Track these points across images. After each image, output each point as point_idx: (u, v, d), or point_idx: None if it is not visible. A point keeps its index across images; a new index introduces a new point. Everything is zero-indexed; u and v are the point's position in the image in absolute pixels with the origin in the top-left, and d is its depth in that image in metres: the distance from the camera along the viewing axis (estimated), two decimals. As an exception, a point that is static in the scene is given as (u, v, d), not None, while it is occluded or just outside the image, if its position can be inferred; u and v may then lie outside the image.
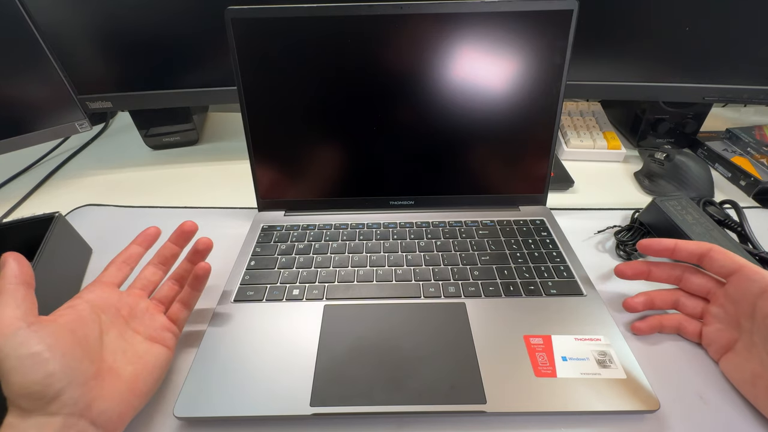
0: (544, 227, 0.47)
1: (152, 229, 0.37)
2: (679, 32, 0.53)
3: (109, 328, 0.30)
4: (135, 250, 0.36)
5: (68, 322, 0.28)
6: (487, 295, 0.39)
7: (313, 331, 0.36)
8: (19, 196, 0.59)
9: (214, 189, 0.59)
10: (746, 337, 0.31)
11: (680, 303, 0.36)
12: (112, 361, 0.29)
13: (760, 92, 0.55)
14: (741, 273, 0.32)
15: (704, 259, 0.34)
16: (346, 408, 0.30)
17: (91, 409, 0.26)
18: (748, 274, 0.31)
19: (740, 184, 0.57)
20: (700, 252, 0.34)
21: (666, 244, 0.36)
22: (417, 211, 0.50)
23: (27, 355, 0.24)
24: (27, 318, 0.25)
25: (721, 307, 0.34)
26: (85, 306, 0.30)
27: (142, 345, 0.31)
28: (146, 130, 0.67)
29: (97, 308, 0.30)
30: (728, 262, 0.32)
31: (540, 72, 0.43)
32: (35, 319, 0.26)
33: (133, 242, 0.36)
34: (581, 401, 0.30)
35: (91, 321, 0.29)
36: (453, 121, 0.46)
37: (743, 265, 0.32)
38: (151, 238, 0.37)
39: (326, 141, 0.47)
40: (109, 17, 0.52)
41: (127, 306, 0.33)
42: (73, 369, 0.26)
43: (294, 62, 0.43)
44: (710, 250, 0.33)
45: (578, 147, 0.63)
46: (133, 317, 0.32)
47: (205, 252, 0.37)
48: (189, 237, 0.38)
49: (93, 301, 0.31)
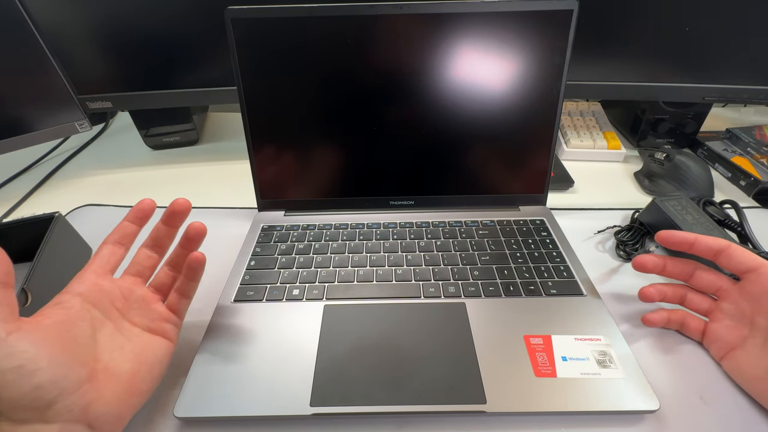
0: (544, 227, 0.47)
1: (146, 202, 0.33)
2: (679, 32, 0.53)
3: (102, 323, 0.28)
4: (129, 229, 0.32)
5: (54, 324, 0.25)
6: (487, 295, 0.39)
7: (313, 331, 0.36)
8: (19, 196, 0.59)
9: (214, 189, 0.59)
10: (760, 335, 0.31)
11: (688, 298, 0.36)
12: (108, 360, 0.27)
13: (760, 92, 0.55)
14: (761, 270, 0.32)
15: (721, 255, 0.34)
16: (346, 408, 0.30)
17: (87, 414, 0.25)
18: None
19: (740, 184, 0.57)
20: (718, 247, 0.34)
21: (686, 237, 0.35)
22: (417, 211, 0.50)
23: (9, 370, 0.22)
24: (5, 326, 0.23)
25: (733, 303, 0.34)
26: (75, 302, 0.27)
27: (140, 338, 0.29)
28: (146, 130, 0.67)
29: (88, 303, 0.28)
30: (747, 259, 0.33)
31: (540, 72, 0.43)
32: (15, 326, 0.23)
33: (125, 219, 0.32)
34: (581, 401, 0.30)
35: (81, 319, 0.27)
36: (453, 120, 0.46)
37: (763, 263, 0.32)
38: (144, 214, 0.33)
39: (326, 141, 0.47)
40: (109, 17, 0.52)
41: (122, 296, 0.30)
42: (62, 377, 0.24)
43: (294, 62, 0.43)
44: (729, 247, 0.33)
45: (578, 147, 0.63)
46: (129, 308, 0.30)
47: (197, 238, 0.33)
48: (182, 217, 0.33)
49: (84, 295, 0.28)
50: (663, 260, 0.37)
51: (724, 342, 0.33)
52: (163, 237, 0.33)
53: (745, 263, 0.33)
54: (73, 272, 0.28)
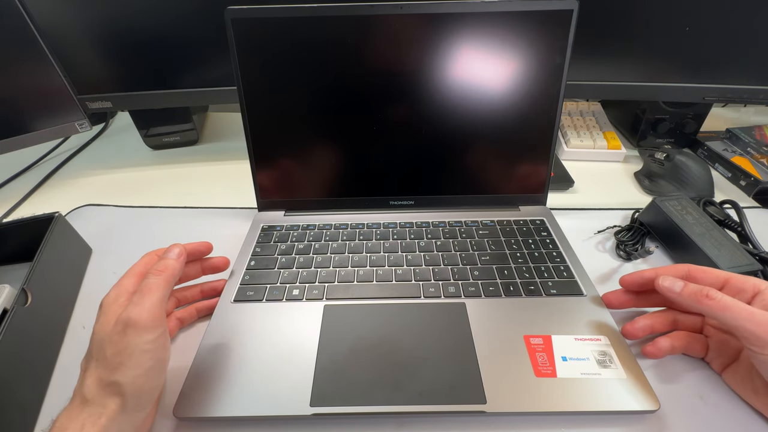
0: (544, 227, 0.47)
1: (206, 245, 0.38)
2: (679, 32, 0.53)
3: None
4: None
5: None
6: (487, 295, 0.39)
7: (313, 331, 0.36)
8: (19, 196, 0.59)
9: (214, 189, 0.59)
10: None
11: (678, 321, 0.35)
12: None
13: (760, 92, 0.55)
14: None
15: (689, 278, 0.33)
16: (346, 408, 0.30)
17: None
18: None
19: (740, 184, 0.57)
20: (681, 274, 0.33)
21: (647, 275, 0.34)
22: (417, 211, 0.50)
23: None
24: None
25: None
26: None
27: None
28: (146, 130, 0.67)
29: None
30: (712, 279, 0.32)
31: (540, 72, 0.43)
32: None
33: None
34: (581, 401, 0.30)
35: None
36: (453, 120, 0.46)
37: (730, 277, 0.32)
38: (200, 254, 0.38)
39: (326, 141, 0.47)
40: (109, 17, 0.52)
41: None
42: None
43: (294, 62, 0.43)
44: (689, 272, 0.33)
45: (578, 147, 0.63)
46: None
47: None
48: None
49: None
50: (633, 295, 0.36)
51: (724, 357, 0.33)
52: (191, 276, 0.38)
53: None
54: (73, 272, 0.29)
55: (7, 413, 0.30)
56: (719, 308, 0.29)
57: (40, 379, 0.34)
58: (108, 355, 0.26)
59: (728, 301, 0.29)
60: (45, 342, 0.36)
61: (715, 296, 0.29)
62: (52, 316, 0.38)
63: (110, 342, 0.26)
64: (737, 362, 0.32)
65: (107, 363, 0.26)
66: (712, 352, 0.34)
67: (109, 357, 0.26)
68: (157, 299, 0.28)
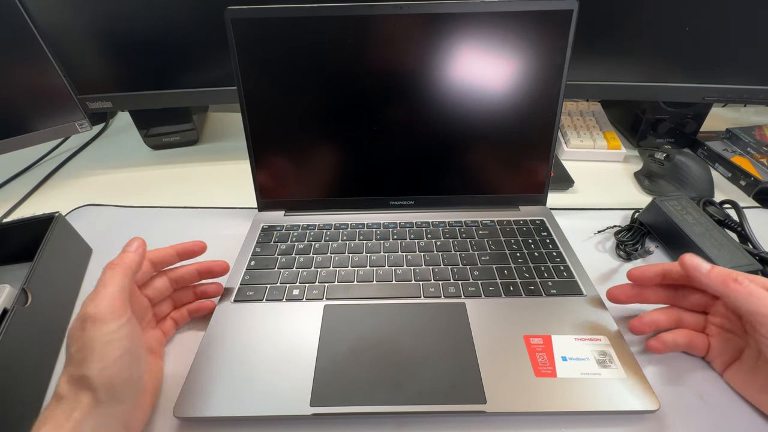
0: (544, 227, 0.47)
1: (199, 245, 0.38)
2: (679, 32, 0.53)
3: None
4: (171, 259, 0.37)
5: None
6: (487, 295, 0.39)
7: (313, 331, 0.36)
8: (19, 196, 0.59)
9: (214, 189, 0.59)
10: (754, 346, 0.31)
11: (683, 319, 0.35)
12: None
13: (760, 92, 0.55)
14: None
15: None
16: (346, 408, 0.30)
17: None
18: None
19: (740, 184, 0.57)
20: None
21: (656, 268, 0.35)
22: (417, 211, 0.50)
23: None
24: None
25: (724, 317, 0.33)
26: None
27: (146, 358, 0.31)
28: (146, 130, 0.67)
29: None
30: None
31: (540, 72, 0.43)
32: None
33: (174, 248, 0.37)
34: (581, 401, 0.30)
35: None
36: (453, 121, 0.46)
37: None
38: (192, 254, 0.38)
39: (326, 141, 0.47)
40: (110, 17, 0.52)
41: (145, 318, 0.34)
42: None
43: (294, 62, 0.43)
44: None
45: (578, 147, 0.63)
46: (145, 326, 0.34)
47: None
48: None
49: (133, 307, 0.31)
50: (639, 289, 0.36)
51: (725, 357, 0.33)
52: (187, 278, 0.38)
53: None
54: (73, 272, 0.29)
55: (7, 413, 0.30)
56: (745, 293, 0.29)
57: (40, 378, 0.34)
58: (73, 351, 0.26)
59: (754, 288, 0.29)
60: (45, 342, 0.36)
61: (743, 281, 0.29)
62: (52, 316, 0.38)
63: (73, 339, 0.27)
64: (740, 361, 0.32)
65: (73, 359, 0.26)
66: (714, 351, 0.34)
67: (74, 353, 0.26)
68: (115, 291, 0.28)
